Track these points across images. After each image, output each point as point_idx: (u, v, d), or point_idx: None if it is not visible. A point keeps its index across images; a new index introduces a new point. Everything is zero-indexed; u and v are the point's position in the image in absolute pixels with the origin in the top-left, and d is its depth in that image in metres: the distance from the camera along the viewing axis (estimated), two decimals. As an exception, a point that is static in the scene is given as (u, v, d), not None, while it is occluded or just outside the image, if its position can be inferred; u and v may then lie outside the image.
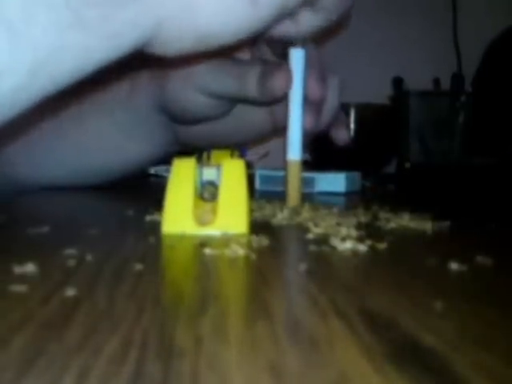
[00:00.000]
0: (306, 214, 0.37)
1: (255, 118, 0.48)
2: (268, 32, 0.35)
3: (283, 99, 0.42)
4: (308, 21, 0.35)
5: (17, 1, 0.22)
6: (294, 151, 0.42)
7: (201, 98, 0.45)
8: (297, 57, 0.41)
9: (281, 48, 0.42)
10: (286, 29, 0.35)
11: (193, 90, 0.45)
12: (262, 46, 0.45)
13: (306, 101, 0.42)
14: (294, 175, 0.42)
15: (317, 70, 0.44)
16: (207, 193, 0.31)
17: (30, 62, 0.23)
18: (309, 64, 0.42)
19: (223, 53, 0.42)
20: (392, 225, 0.34)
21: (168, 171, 0.31)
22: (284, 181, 0.42)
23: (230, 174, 0.31)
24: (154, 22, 0.27)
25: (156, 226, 0.31)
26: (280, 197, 0.42)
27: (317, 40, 0.44)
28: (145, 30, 0.27)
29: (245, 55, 0.45)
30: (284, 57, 0.42)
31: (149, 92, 0.48)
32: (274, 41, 0.38)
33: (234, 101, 0.46)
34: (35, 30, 0.23)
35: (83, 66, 0.26)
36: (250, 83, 0.42)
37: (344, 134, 0.51)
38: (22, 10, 0.23)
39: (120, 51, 0.27)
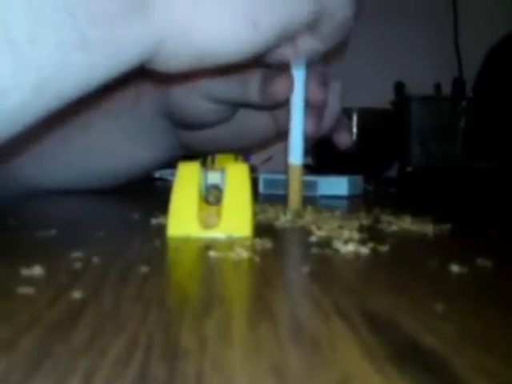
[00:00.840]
0: (308, 216, 0.37)
1: (258, 123, 0.49)
2: (267, 55, 0.35)
3: (285, 104, 0.42)
4: (306, 45, 0.35)
5: (24, 23, 0.23)
6: (296, 155, 0.42)
7: (204, 104, 0.45)
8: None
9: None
10: (284, 53, 0.35)
11: (196, 96, 0.45)
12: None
13: (308, 105, 0.43)
14: (295, 179, 0.42)
15: (318, 74, 0.44)
16: (212, 196, 0.31)
17: (34, 80, 0.24)
18: (310, 69, 0.42)
19: (227, 70, 0.42)
20: (394, 227, 0.34)
21: (173, 175, 0.32)
22: (286, 184, 0.42)
23: (235, 177, 0.31)
24: (156, 40, 0.27)
25: (161, 229, 0.31)
26: (283, 200, 0.42)
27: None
28: (147, 47, 0.27)
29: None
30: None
31: (153, 99, 0.48)
32: (272, 64, 0.38)
33: (236, 106, 0.46)
34: (40, 50, 0.23)
35: (87, 82, 0.26)
36: (251, 88, 0.42)
37: (346, 138, 0.51)
38: (29, 32, 0.23)
39: (123, 68, 0.27)
